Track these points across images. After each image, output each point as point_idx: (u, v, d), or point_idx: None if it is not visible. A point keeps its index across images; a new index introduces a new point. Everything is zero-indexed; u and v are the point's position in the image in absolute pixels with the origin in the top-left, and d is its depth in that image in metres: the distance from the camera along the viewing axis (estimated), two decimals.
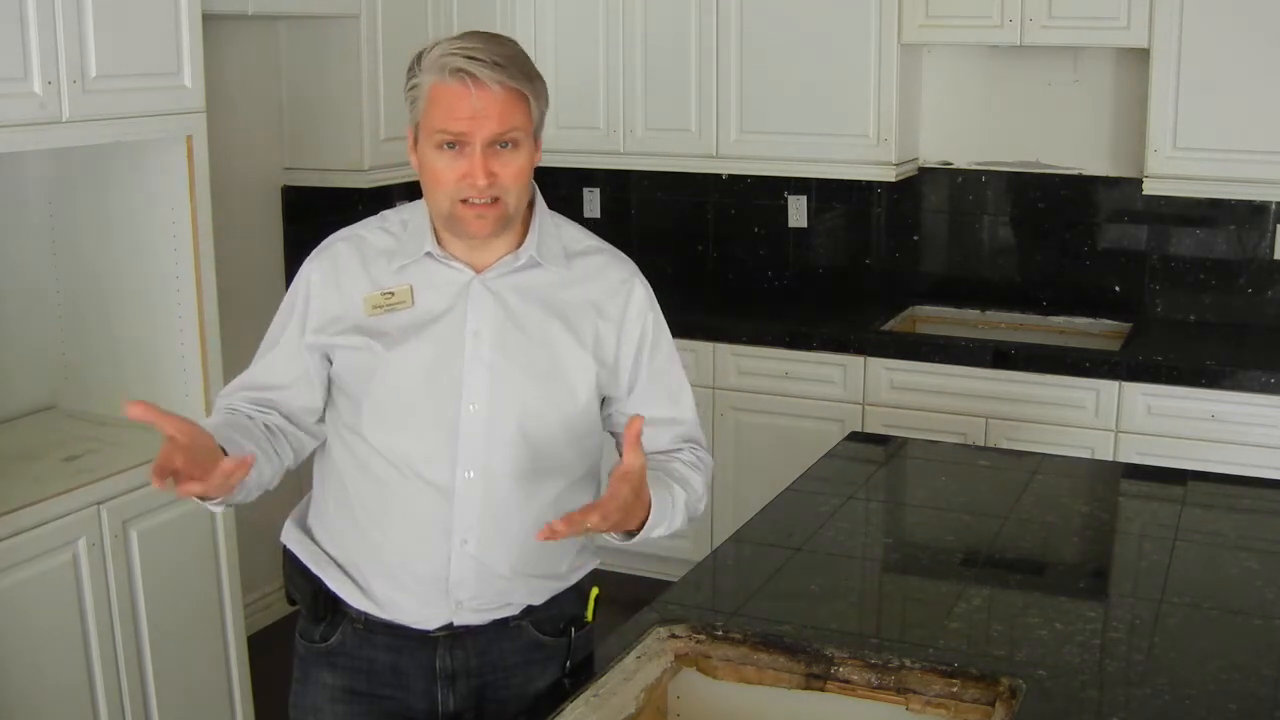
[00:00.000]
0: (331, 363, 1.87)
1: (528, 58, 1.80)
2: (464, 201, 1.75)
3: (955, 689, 1.94)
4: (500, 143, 1.74)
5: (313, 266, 1.87)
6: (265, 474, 1.81)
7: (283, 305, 1.90)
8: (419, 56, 1.78)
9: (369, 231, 1.88)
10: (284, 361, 1.88)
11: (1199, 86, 3.84)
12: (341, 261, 1.86)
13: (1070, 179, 4.38)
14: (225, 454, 1.65)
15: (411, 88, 1.78)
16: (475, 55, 1.72)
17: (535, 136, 1.81)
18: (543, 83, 1.81)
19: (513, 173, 1.76)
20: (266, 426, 1.87)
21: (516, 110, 1.75)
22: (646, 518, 1.76)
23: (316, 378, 1.88)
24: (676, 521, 1.86)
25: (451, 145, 1.74)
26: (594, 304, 1.88)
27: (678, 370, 1.97)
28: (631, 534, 1.78)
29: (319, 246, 1.91)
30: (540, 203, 1.89)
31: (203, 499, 1.66)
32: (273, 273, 4.04)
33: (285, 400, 1.89)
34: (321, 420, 1.92)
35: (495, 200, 1.76)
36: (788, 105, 4.34)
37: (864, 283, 4.69)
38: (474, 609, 1.88)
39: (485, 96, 1.72)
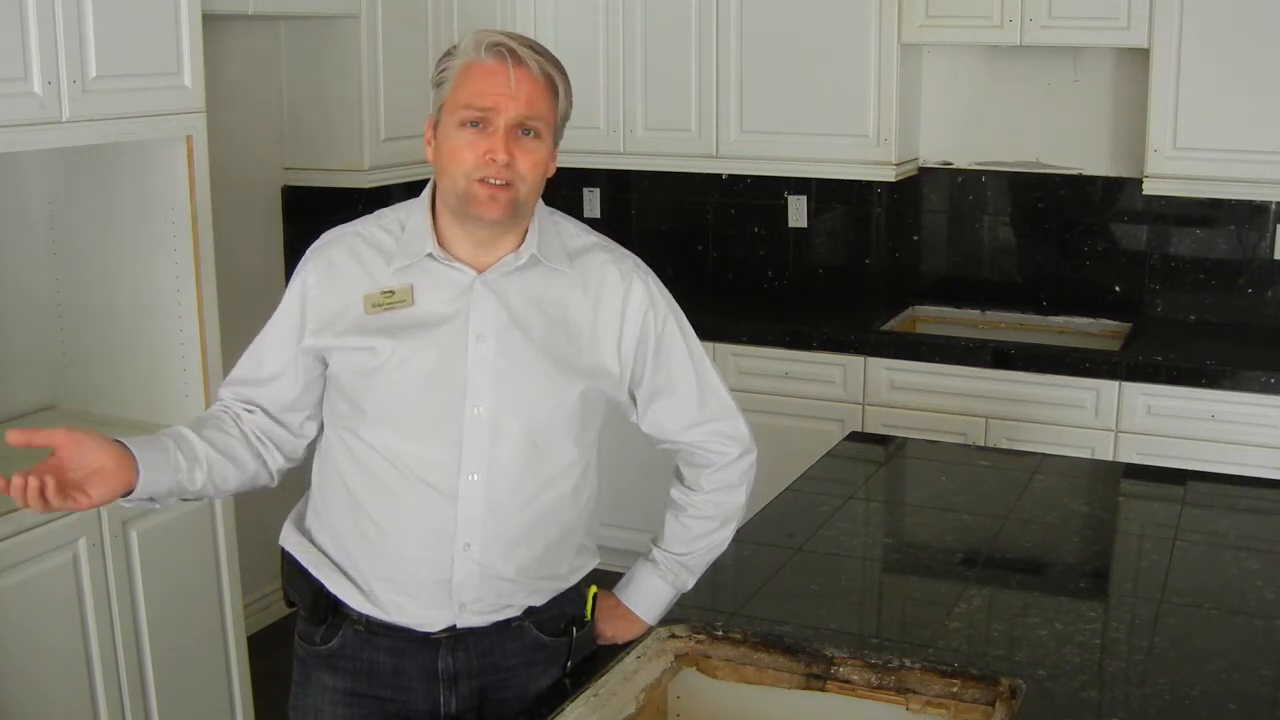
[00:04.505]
0: (327, 364, 1.86)
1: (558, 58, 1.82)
2: (480, 181, 1.75)
3: (955, 689, 1.94)
4: (524, 129, 1.75)
5: (308, 269, 1.86)
6: (211, 481, 1.82)
7: (279, 308, 1.89)
8: (453, 47, 1.80)
9: (365, 229, 1.87)
10: (269, 357, 1.88)
11: (1199, 86, 3.84)
12: (337, 261, 1.84)
13: (1070, 179, 4.38)
14: (137, 466, 1.69)
15: (441, 70, 1.79)
16: (514, 37, 1.77)
17: (555, 138, 1.82)
18: (570, 85, 1.82)
19: (530, 163, 1.76)
20: (248, 433, 1.87)
21: (545, 98, 1.77)
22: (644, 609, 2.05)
23: (304, 377, 1.86)
24: (690, 582, 2.07)
25: (475, 124, 1.74)
26: (595, 303, 1.87)
27: (698, 366, 1.95)
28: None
29: (312, 247, 1.89)
30: (539, 202, 1.88)
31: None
32: (273, 273, 4.04)
33: (265, 396, 1.88)
34: (309, 420, 1.91)
35: (509, 184, 1.75)
36: (788, 105, 4.34)
37: (864, 283, 4.69)
38: (476, 611, 1.87)
39: (521, 75, 1.74)
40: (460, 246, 1.83)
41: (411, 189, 1.85)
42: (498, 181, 1.75)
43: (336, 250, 1.86)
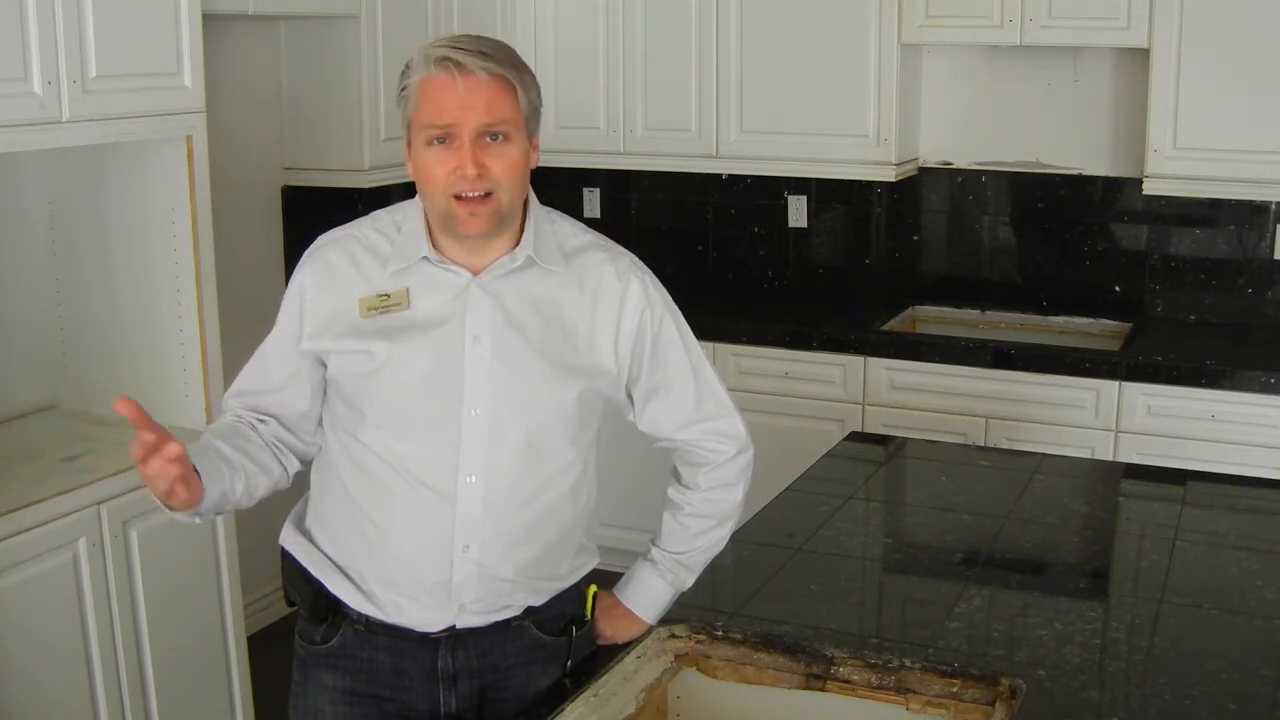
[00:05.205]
0: (326, 367, 1.86)
1: (516, 53, 1.80)
2: (458, 198, 1.75)
3: (955, 689, 1.94)
4: (490, 135, 1.74)
5: (305, 271, 1.86)
6: (247, 490, 1.82)
7: (280, 312, 1.89)
8: (408, 62, 1.79)
9: (361, 232, 1.87)
10: (275, 366, 1.88)
11: (1199, 86, 3.84)
12: (334, 264, 1.84)
13: (1070, 179, 4.38)
14: (197, 474, 1.69)
15: (402, 89, 1.79)
16: (460, 45, 1.74)
17: (529, 133, 1.80)
18: (532, 76, 1.80)
19: (504, 166, 1.76)
20: (267, 441, 1.87)
21: (504, 100, 1.75)
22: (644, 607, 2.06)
23: (309, 382, 1.87)
24: (689, 581, 2.06)
25: (441, 140, 1.74)
26: (592, 303, 1.87)
27: (695, 364, 1.95)
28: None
29: (309, 249, 1.89)
30: (534, 201, 1.88)
31: (169, 506, 1.69)
32: (273, 273, 4.04)
33: (276, 405, 1.88)
34: (320, 425, 1.91)
35: (487, 195, 1.75)
36: (788, 105, 4.34)
37: (864, 283, 4.69)
38: (476, 611, 1.87)
39: (471, 84, 1.72)
40: (455, 249, 1.83)
41: (411, 189, 1.85)
42: (474, 194, 1.74)
43: (332, 253, 1.86)
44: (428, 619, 1.87)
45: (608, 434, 1.98)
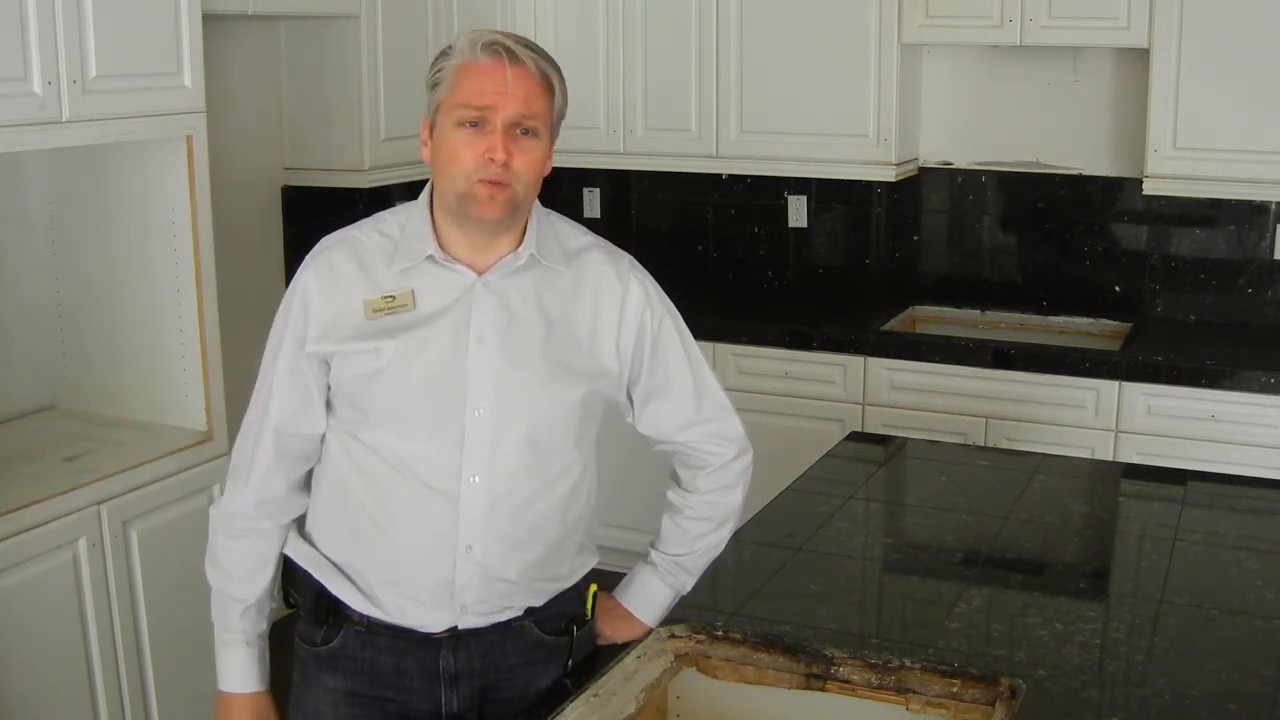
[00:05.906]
0: (329, 368, 1.85)
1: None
2: (481, 181, 1.75)
3: (955, 689, 1.94)
4: (521, 128, 1.75)
5: (309, 274, 1.84)
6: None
7: (278, 318, 1.87)
8: (448, 47, 1.80)
9: (364, 234, 1.86)
10: (291, 383, 1.85)
11: (1199, 86, 3.84)
12: (338, 266, 1.83)
13: (1070, 179, 4.38)
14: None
15: (436, 71, 1.79)
16: (509, 36, 1.77)
17: (551, 137, 1.82)
18: (565, 85, 1.82)
19: (527, 162, 1.77)
20: (280, 538, 1.94)
21: (541, 97, 1.77)
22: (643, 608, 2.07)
23: (316, 387, 1.85)
24: (689, 583, 2.07)
25: (474, 124, 1.74)
26: (594, 304, 1.88)
27: (694, 366, 1.96)
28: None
29: (312, 252, 1.88)
30: (536, 202, 1.88)
31: None
32: (273, 273, 4.04)
33: (305, 424, 1.86)
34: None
35: (506, 184, 1.75)
36: (788, 105, 4.34)
37: (864, 283, 4.69)
38: (478, 612, 1.87)
39: (518, 74, 1.74)
40: (459, 248, 1.83)
41: (411, 189, 1.86)
42: (496, 181, 1.75)
43: (336, 255, 1.84)
44: (430, 620, 1.87)
45: (608, 434, 1.98)
